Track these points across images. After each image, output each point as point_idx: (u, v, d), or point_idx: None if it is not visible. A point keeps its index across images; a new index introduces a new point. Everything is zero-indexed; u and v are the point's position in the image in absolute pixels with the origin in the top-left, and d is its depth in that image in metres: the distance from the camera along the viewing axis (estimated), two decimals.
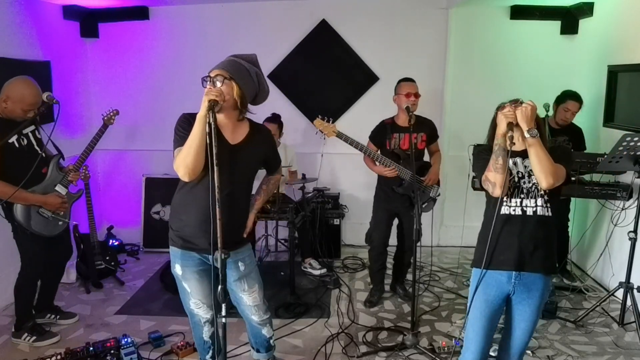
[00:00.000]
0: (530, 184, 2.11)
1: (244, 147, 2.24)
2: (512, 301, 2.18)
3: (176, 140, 2.16)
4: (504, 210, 2.12)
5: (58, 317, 3.40)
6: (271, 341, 2.67)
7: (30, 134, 3.01)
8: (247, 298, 2.44)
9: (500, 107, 2.12)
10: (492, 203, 2.14)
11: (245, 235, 2.38)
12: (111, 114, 3.87)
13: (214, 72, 2.10)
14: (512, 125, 2.00)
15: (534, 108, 2.02)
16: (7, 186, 2.76)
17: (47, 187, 3.05)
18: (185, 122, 2.16)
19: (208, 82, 2.08)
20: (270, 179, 2.56)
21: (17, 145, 2.88)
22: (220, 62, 2.15)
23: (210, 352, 2.54)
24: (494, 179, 2.07)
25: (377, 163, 3.43)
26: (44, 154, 3.04)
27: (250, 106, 2.24)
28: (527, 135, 1.98)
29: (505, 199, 2.12)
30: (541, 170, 1.99)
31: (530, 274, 2.10)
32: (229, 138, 2.20)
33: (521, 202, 2.10)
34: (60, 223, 3.11)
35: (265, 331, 2.60)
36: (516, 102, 2.07)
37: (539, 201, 2.09)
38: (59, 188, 3.11)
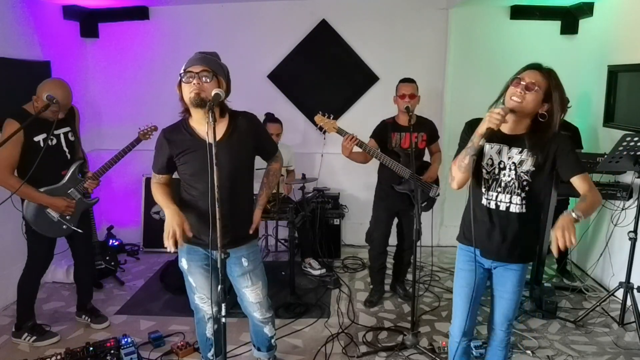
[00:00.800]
0: (510, 178, 2.03)
1: (229, 140, 2.19)
2: (493, 275, 2.21)
3: (154, 162, 2.28)
4: (483, 201, 2.10)
5: (90, 319, 3.37)
6: (272, 340, 2.67)
7: (62, 135, 3.03)
8: (250, 294, 2.44)
9: (514, 81, 1.96)
10: (472, 188, 2.09)
11: (251, 232, 2.36)
12: (148, 129, 3.68)
13: (197, 67, 2.05)
14: (492, 131, 1.89)
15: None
16: (18, 181, 2.78)
17: (59, 189, 3.04)
18: (161, 145, 2.23)
19: (194, 79, 2.04)
20: (270, 169, 2.51)
21: (42, 144, 2.89)
22: (197, 59, 2.11)
23: (212, 349, 2.54)
24: (454, 174, 2.02)
25: (378, 159, 3.41)
26: (69, 156, 3.08)
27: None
28: (574, 216, 1.82)
29: (483, 190, 2.09)
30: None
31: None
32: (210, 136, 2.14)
33: (496, 197, 2.06)
34: (64, 227, 3.09)
35: (267, 330, 2.60)
36: (518, 80, 1.94)
37: (515, 199, 2.03)
38: (72, 193, 3.10)
